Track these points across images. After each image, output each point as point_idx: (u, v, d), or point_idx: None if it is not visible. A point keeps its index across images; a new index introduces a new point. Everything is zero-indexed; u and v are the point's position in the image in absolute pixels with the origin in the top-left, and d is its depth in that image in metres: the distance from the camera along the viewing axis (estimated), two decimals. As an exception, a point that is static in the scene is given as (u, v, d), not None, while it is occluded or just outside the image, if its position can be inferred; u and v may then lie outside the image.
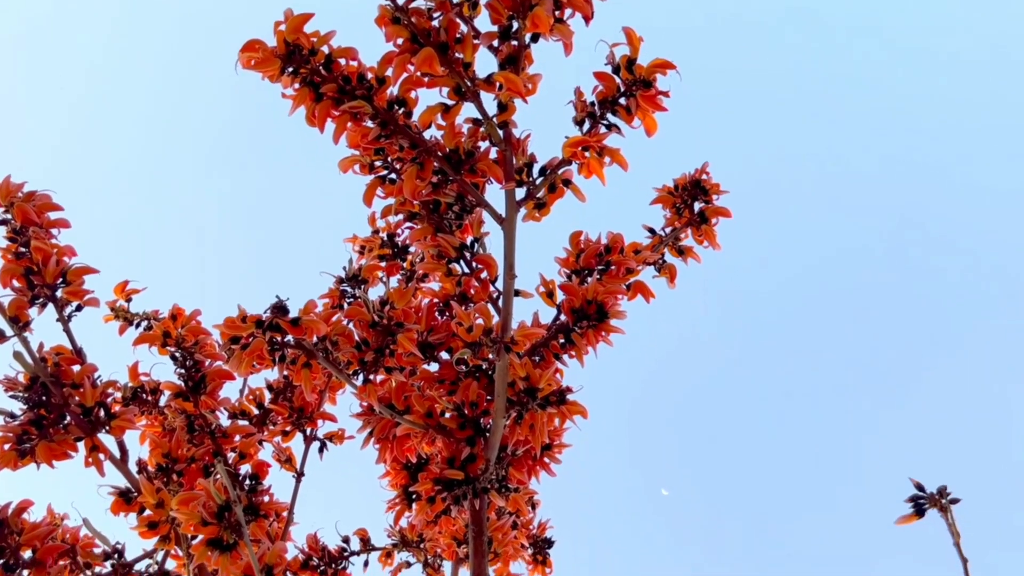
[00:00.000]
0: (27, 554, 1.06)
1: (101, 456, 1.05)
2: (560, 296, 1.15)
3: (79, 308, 1.10)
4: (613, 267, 1.16)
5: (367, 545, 1.54)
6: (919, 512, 0.90)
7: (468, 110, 0.99)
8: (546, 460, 1.26)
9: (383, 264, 1.34)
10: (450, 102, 0.97)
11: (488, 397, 1.18)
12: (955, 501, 0.89)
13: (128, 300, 1.38)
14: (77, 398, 1.04)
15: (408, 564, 1.51)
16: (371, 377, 1.07)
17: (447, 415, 1.16)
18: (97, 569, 1.12)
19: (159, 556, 1.13)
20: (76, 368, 1.06)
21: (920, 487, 0.91)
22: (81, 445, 1.06)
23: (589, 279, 1.18)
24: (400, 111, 0.99)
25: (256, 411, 1.30)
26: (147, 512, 1.01)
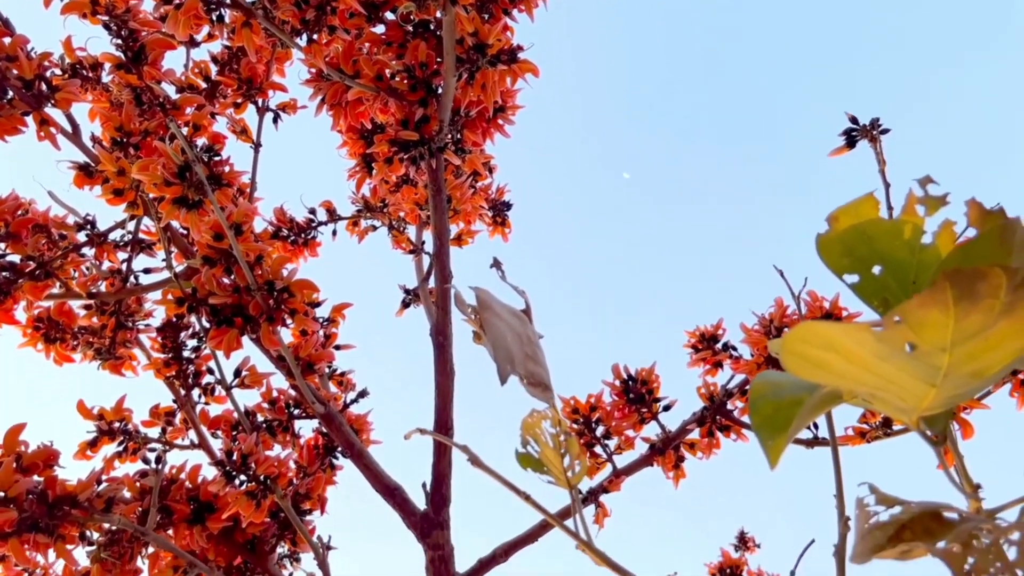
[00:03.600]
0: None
1: (52, 130, 1.05)
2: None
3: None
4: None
5: (333, 215, 1.61)
6: (851, 143, 0.95)
7: None
8: (499, 121, 1.28)
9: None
10: None
11: (438, 58, 1.16)
12: (885, 132, 0.94)
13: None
14: (15, 71, 1.01)
15: (374, 228, 1.59)
16: (315, 37, 1.04)
17: (397, 78, 1.15)
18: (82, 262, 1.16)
19: (131, 226, 1.18)
20: (6, 40, 1.02)
21: (854, 119, 0.95)
22: (31, 120, 1.05)
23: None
24: None
25: (204, 84, 1.28)
26: (110, 181, 1.03)
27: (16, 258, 1.10)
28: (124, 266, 1.21)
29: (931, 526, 0.33)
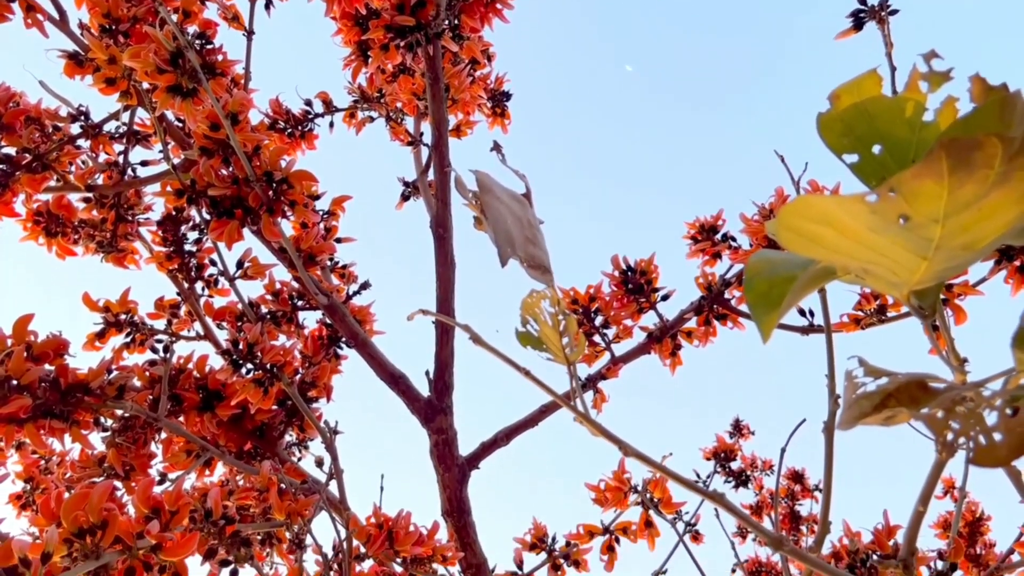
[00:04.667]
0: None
1: (40, 17, 1.02)
2: None
3: None
4: None
5: (329, 106, 1.58)
6: (858, 25, 0.93)
7: None
8: (498, 6, 1.24)
9: None
10: None
11: (434, -62, 1.12)
12: (893, 12, 0.91)
13: None
14: (-5, -46, 0.98)
15: (371, 119, 1.57)
16: (306, -84, 1.00)
17: (392, -41, 1.11)
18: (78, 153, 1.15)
19: (125, 117, 1.16)
20: (-16, -79, 0.98)
21: (862, 0, 0.92)
22: (16, 7, 1.03)
23: None
24: None
25: (192, -32, 1.24)
26: (101, 70, 1.01)
27: (12, 151, 1.09)
28: (121, 158, 1.20)
29: (917, 395, 0.34)
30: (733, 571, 1.57)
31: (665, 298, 1.38)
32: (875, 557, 0.82)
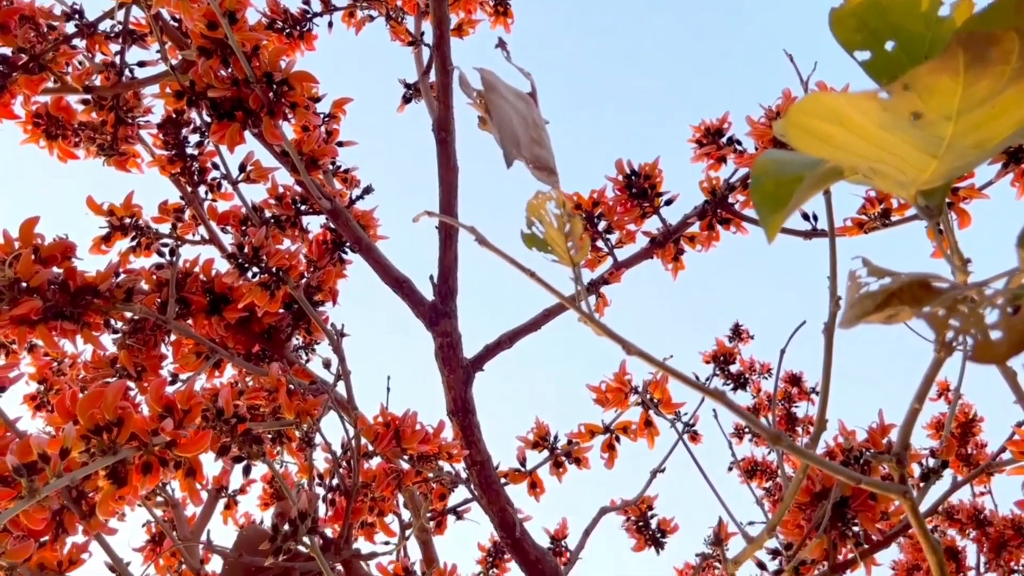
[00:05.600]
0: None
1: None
2: None
3: None
4: None
5: (328, 5, 1.54)
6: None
7: None
8: None
9: None
10: None
11: None
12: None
13: None
14: None
15: (371, 19, 1.53)
16: None
17: None
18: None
19: (120, 16, 1.13)
20: None
21: None
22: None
23: None
24: None
25: None
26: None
27: (7, 51, 1.07)
28: (118, 59, 1.18)
29: (919, 294, 0.35)
30: (730, 469, 1.62)
31: (669, 203, 1.38)
32: (869, 454, 0.85)
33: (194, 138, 1.30)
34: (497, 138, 0.48)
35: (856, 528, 0.91)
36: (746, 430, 2.66)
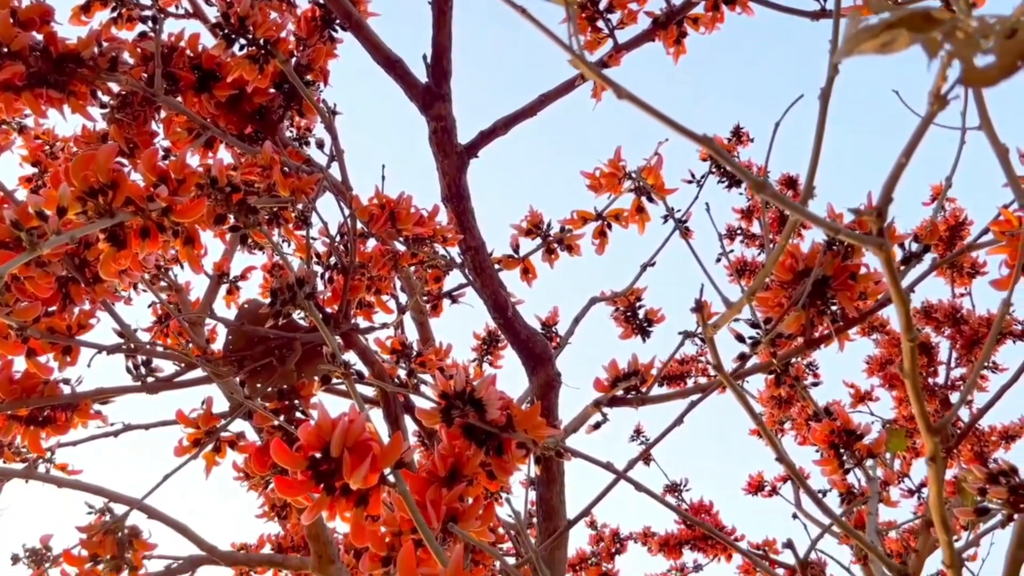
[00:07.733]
0: None
1: None
2: None
3: None
4: None
5: None
6: None
7: None
8: None
9: None
10: None
11: None
12: None
13: None
14: None
15: None
16: None
17: None
18: None
19: None
20: None
21: None
22: None
23: None
24: None
25: None
26: None
27: None
28: None
29: (920, 24, 0.34)
30: (718, 260, 1.66)
31: (674, -15, 1.31)
32: (848, 209, 0.86)
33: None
34: None
35: (834, 307, 0.95)
36: (738, 231, 2.70)
